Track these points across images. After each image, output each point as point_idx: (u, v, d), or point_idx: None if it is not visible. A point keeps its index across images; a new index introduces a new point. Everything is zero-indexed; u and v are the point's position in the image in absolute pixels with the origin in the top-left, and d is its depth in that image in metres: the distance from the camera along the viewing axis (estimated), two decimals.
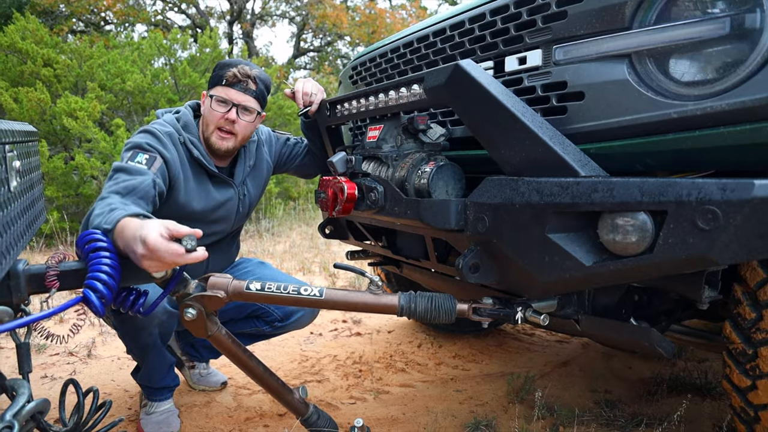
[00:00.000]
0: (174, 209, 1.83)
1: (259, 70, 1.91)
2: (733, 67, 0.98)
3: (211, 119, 1.87)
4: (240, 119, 1.86)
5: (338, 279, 4.55)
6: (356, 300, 1.39)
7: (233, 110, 1.85)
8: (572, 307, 1.40)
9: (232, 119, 1.85)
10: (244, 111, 1.87)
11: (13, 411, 1.04)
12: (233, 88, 1.84)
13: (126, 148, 1.75)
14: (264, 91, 1.92)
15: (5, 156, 1.09)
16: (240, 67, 1.85)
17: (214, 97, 1.85)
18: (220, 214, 1.98)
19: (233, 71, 1.84)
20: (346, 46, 18.77)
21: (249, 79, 1.86)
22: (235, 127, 1.87)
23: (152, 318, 1.78)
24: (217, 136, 1.88)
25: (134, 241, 1.22)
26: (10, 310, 1.09)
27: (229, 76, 1.83)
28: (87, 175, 5.93)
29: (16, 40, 6.47)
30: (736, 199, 0.89)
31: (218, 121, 1.85)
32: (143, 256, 1.20)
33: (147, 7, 16.44)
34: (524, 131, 1.16)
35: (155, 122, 1.89)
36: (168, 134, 1.82)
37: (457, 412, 2.16)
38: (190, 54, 7.86)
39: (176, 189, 1.82)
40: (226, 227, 2.05)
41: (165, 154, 1.76)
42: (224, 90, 1.84)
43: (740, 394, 1.27)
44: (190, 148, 1.86)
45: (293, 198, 9.12)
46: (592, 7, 1.14)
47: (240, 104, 1.85)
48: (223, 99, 1.84)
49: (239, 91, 1.85)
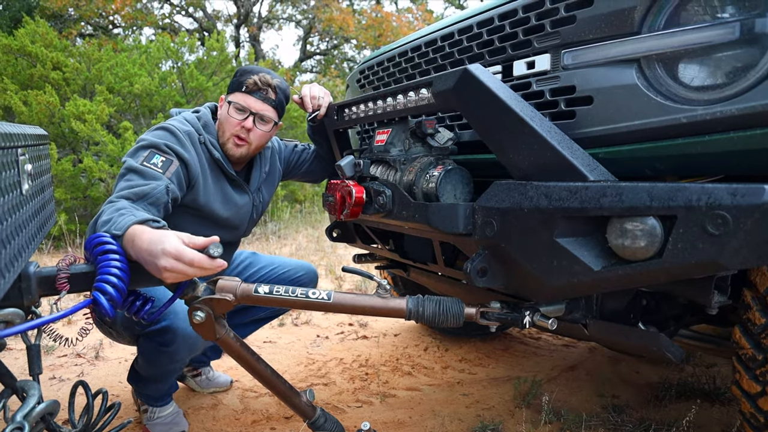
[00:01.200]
0: (195, 210, 1.82)
1: (279, 80, 1.88)
2: (743, 71, 0.98)
3: (228, 126, 1.84)
4: (256, 128, 1.84)
5: (344, 282, 4.56)
6: (364, 303, 1.39)
7: (250, 118, 1.82)
8: (580, 312, 1.40)
9: (248, 128, 1.82)
10: (260, 120, 1.84)
11: (24, 412, 1.05)
12: (252, 95, 1.82)
13: (141, 146, 1.68)
14: (283, 101, 1.89)
15: (17, 160, 1.09)
16: (261, 75, 1.83)
17: (233, 103, 1.82)
18: (236, 219, 1.97)
19: (254, 79, 1.81)
20: (353, 50, 18.82)
21: (269, 88, 1.84)
22: (251, 135, 1.84)
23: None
24: (232, 143, 1.85)
25: (154, 254, 1.20)
26: (21, 312, 1.10)
27: (249, 84, 1.81)
28: (95, 178, 5.97)
29: (26, 43, 6.53)
30: (747, 204, 0.89)
31: (234, 128, 1.83)
32: (165, 269, 1.18)
33: (155, 10, 16.56)
34: (533, 136, 1.16)
35: (174, 119, 1.85)
36: (187, 133, 1.78)
37: (464, 416, 2.15)
38: (197, 57, 7.91)
39: (196, 190, 1.78)
40: (238, 234, 2.05)
41: (184, 155, 1.72)
42: (243, 97, 1.82)
43: (750, 400, 1.26)
44: (211, 149, 1.83)
45: (299, 201, 9.14)
46: (601, 11, 1.14)
47: (258, 113, 1.82)
48: (242, 107, 1.81)
49: (258, 99, 1.82)
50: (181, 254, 1.18)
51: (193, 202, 1.79)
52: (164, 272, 1.19)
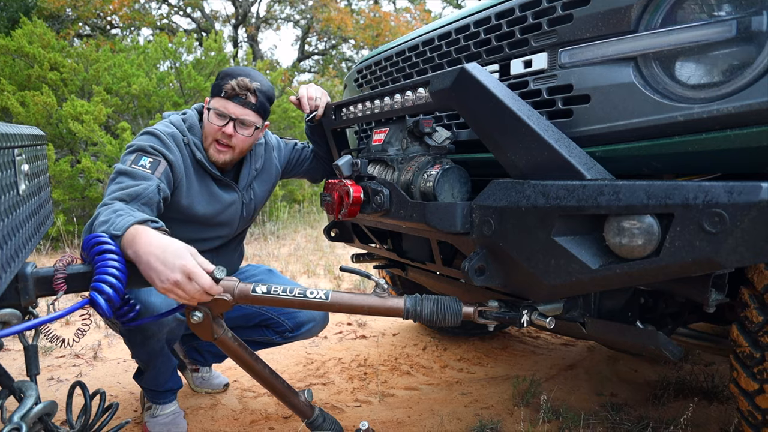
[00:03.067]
0: (177, 211, 1.82)
1: (260, 82, 1.84)
2: (740, 69, 0.98)
3: (209, 131, 1.84)
4: (237, 133, 1.82)
5: (343, 282, 4.56)
6: (362, 303, 1.39)
7: (230, 124, 1.81)
8: (578, 310, 1.40)
9: (229, 133, 1.81)
10: (241, 125, 1.83)
11: (21, 413, 1.05)
12: (231, 101, 1.80)
13: (129, 151, 1.71)
14: (265, 103, 1.87)
15: (14, 160, 1.09)
16: (240, 79, 1.80)
17: (213, 109, 1.82)
18: (224, 217, 1.97)
19: (232, 84, 1.78)
20: (351, 49, 18.82)
21: (248, 92, 1.81)
22: (233, 140, 1.83)
23: (162, 326, 1.76)
24: (214, 149, 1.86)
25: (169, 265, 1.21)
26: (18, 313, 1.09)
27: (227, 89, 1.79)
28: (93, 178, 5.96)
29: (24, 44, 6.53)
30: (743, 202, 0.89)
31: (216, 133, 1.82)
32: (176, 283, 1.20)
33: (152, 11, 16.55)
34: (530, 134, 1.16)
35: (159, 123, 1.86)
36: (171, 135, 1.80)
37: (463, 415, 2.15)
38: (195, 57, 7.90)
39: (180, 191, 1.80)
40: (230, 232, 2.05)
41: (169, 156, 1.73)
42: (222, 102, 1.80)
43: (748, 397, 1.27)
44: (194, 150, 1.84)
45: (298, 201, 9.14)
46: (598, 10, 1.14)
47: (238, 118, 1.81)
48: (221, 113, 1.80)
49: (237, 105, 1.80)
50: (197, 277, 1.21)
51: (176, 203, 1.81)
52: (170, 285, 1.21)
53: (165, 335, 1.83)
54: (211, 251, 2.01)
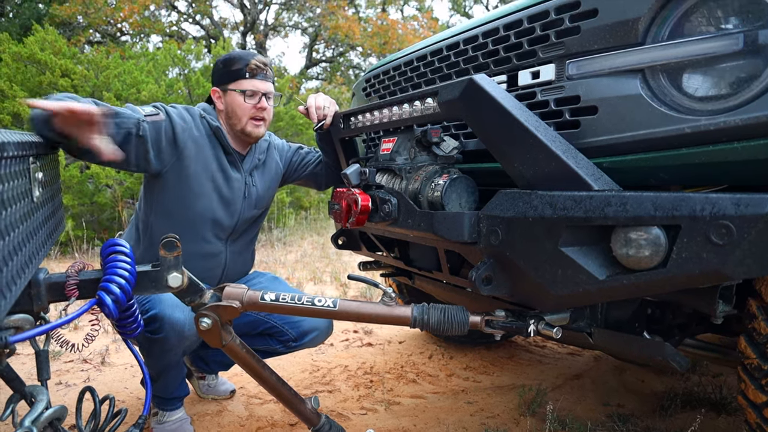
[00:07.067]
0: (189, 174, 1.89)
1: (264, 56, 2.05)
2: (747, 82, 0.99)
3: (243, 112, 1.96)
4: (268, 106, 2.00)
5: (349, 289, 4.56)
6: (370, 311, 1.40)
7: (264, 99, 1.97)
8: (585, 320, 1.40)
9: (264, 107, 1.97)
10: (268, 98, 2.00)
11: (32, 417, 1.06)
12: (257, 78, 1.95)
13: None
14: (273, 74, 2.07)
15: (29, 167, 1.11)
16: (256, 58, 1.97)
17: (245, 91, 1.94)
18: (229, 192, 2.00)
19: (253, 63, 1.94)
20: (358, 57, 18.90)
21: (267, 66, 1.99)
22: (265, 113, 1.99)
23: (183, 340, 1.78)
24: (252, 126, 1.98)
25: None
26: (31, 318, 1.11)
27: (251, 69, 1.94)
28: (102, 184, 6.01)
29: (36, 51, 6.60)
30: (751, 214, 0.89)
31: (251, 111, 1.96)
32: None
33: (162, 18, 16.71)
34: (537, 145, 1.17)
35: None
36: (186, 108, 1.96)
37: (468, 424, 2.15)
38: (204, 64, 7.96)
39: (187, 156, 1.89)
40: (233, 213, 2.02)
41: (173, 115, 1.86)
42: (250, 82, 1.95)
43: (756, 409, 1.26)
44: (210, 120, 1.96)
45: (305, 208, 9.16)
46: (606, 22, 1.15)
47: (266, 92, 1.97)
48: (253, 91, 1.95)
49: (262, 80, 1.97)
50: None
51: (186, 161, 1.89)
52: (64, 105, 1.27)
53: (183, 349, 1.84)
54: (225, 240, 2.03)
